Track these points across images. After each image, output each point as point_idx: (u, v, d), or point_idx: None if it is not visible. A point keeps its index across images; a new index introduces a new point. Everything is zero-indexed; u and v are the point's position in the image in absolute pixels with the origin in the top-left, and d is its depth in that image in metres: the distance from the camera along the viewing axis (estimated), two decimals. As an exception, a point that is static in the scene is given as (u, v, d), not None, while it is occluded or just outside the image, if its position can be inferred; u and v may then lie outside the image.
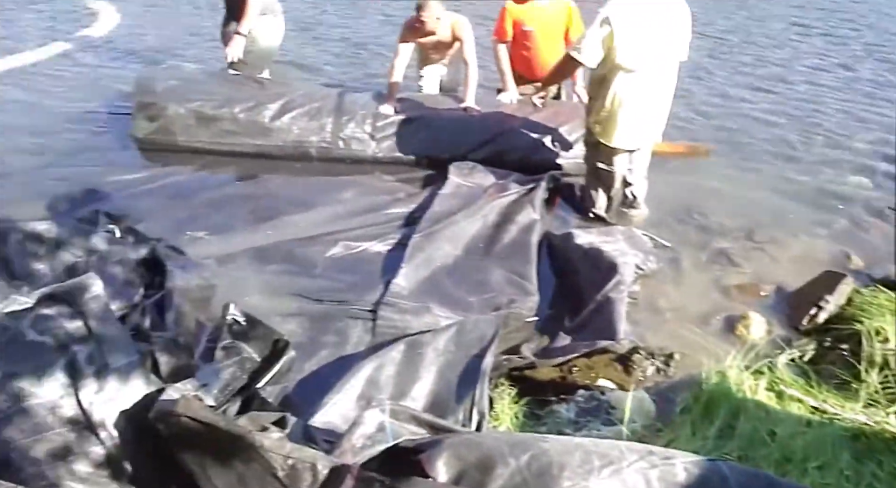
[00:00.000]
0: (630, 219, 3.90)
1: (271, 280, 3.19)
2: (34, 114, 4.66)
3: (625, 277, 3.12)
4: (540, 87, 4.27)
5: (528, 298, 3.14)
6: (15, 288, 2.79)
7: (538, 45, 4.53)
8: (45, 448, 2.03)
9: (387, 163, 4.34)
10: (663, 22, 3.51)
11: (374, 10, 7.37)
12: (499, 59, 4.60)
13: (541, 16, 4.47)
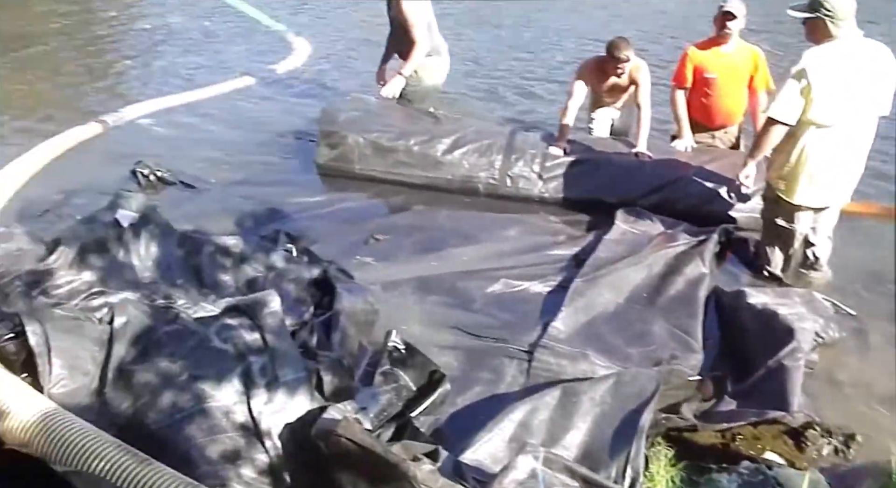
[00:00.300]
0: (810, 282, 3.63)
1: (431, 310, 3.26)
2: (231, 138, 5.09)
3: (802, 344, 2.89)
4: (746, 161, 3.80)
5: (691, 355, 3.00)
6: (203, 295, 3.03)
7: (720, 92, 4.37)
8: (218, 449, 2.17)
9: (552, 204, 4.33)
10: (865, 74, 3.27)
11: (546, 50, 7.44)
12: (676, 104, 4.48)
13: (725, 63, 4.32)
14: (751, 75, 4.33)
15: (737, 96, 4.39)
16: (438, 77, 5.02)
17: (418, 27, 4.71)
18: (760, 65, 4.32)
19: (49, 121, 5.18)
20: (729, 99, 4.37)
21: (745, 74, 4.34)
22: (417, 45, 4.71)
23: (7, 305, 2.70)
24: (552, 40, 7.77)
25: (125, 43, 7.21)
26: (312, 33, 7.46)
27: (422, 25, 4.73)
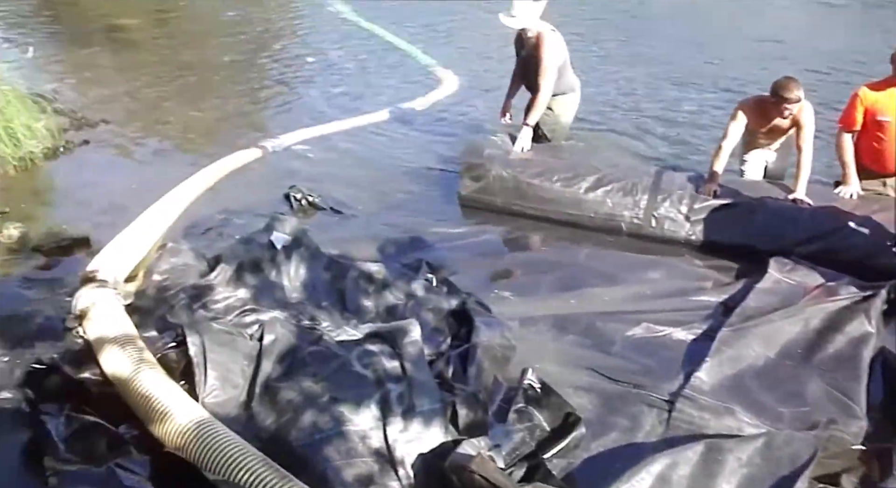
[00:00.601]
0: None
1: (568, 350, 3.20)
2: (377, 167, 5.28)
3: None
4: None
5: (852, 421, 2.74)
6: (346, 319, 3.14)
7: (894, 136, 4.04)
8: (353, 472, 2.22)
9: (698, 248, 4.15)
10: None
11: (695, 88, 7.21)
12: (842, 149, 4.19)
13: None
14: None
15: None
16: (571, 113, 5.08)
17: (551, 72, 4.72)
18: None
19: (215, 144, 5.58)
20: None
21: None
22: (543, 92, 4.72)
23: (172, 316, 2.92)
24: (702, 78, 7.52)
25: (288, 74, 7.68)
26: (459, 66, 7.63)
27: (555, 70, 4.74)
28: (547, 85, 4.73)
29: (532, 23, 4.68)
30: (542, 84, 4.72)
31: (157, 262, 3.29)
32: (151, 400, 2.34)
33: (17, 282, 3.38)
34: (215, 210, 4.37)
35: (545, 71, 4.71)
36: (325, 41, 8.86)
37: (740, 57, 8.15)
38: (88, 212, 4.41)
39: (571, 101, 5.01)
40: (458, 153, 5.21)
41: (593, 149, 5.34)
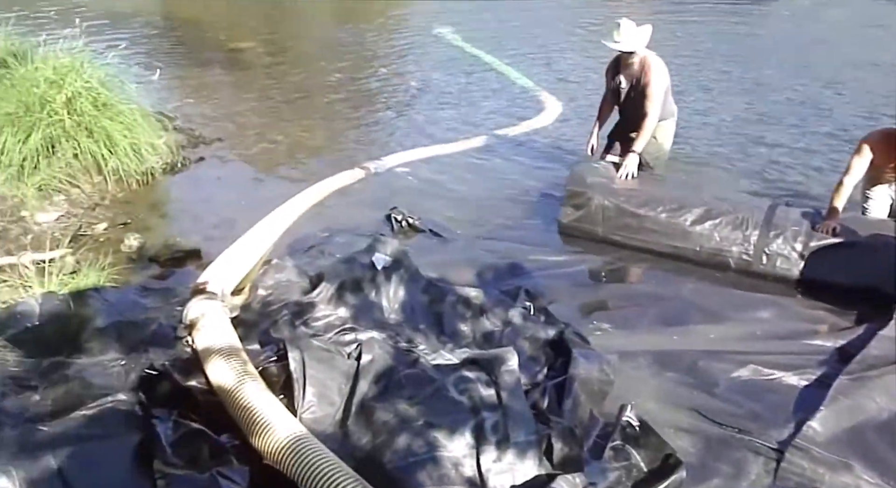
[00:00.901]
0: None
1: (669, 388, 3.08)
2: (477, 192, 5.28)
3: None
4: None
5: None
6: (442, 343, 3.13)
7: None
8: (446, 500, 2.19)
9: (813, 288, 3.91)
10: None
11: (812, 118, 6.87)
12: None
13: None
14: None
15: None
16: (671, 139, 5.05)
17: (659, 97, 4.69)
18: None
19: (321, 164, 5.75)
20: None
21: None
22: (651, 118, 4.67)
23: (275, 331, 2.99)
24: (820, 111, 7.18)
25: (393, 96, 7.86)
26: (559, 93, 7.59)
27: (662, 95, 4.70)
28: (655, 110, 4.68)
29: (639, 47, 4.64)
30: (650, 110, 4.66)
31: (262, 277, 3.39)
32: (252, 412, 2.40)
33: (134, 290, 3.56)
34: (318, 228, 4.49)
35: (653, 96, 4.66)
36: (429, 64, 9.02)
37: (863, 91, 7.73)
38: (201, 225, 4.62)
39: (671, 126, 5.00)
40: (558, 180, 5.16)
41: (699, 181, 5.17)
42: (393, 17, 11.69)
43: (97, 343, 3.00)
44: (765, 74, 8.39)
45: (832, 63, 8.79)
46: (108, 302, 3.33)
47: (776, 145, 6.21)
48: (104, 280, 3.64)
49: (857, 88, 7.75)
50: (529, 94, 7.71)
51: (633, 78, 4.78)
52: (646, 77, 4.69)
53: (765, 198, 4.76)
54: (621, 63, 4.81)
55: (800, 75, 8.29)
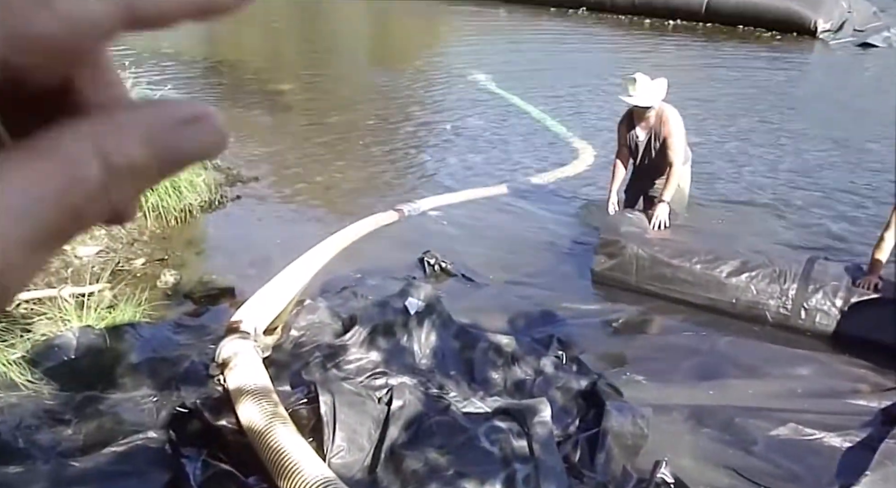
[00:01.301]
0: None
1: (705, 445, 3.00)
2: (509, 237, 5.27)
3: None
4: None
5: None
6: (473, 390, 3.10)
7: None
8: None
9: (853, 346, 3.82)
10: None
11: (849, 167, 6.80)
12: None
13: None
14: None
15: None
16: (689, 183, 5.13)
17: (682, 146, 4.75)
18: None
19: (355, 205, 5.80)
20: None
21: None
22: (677, 167, 4.72)
23: (306, 373, 2.99)
24: (860, 162, 7.10)
25: (428, 140, 7.95)
26: (590, 140, 7.62)
27: (684, 144, 4.78)
28: (679, 159, 4.74)
29: (656, 101, 4.70)
30: (675, 159, 4.72)
31: (295, 318, 3.41)
32: (281, 455, 2.39)
33: (168, 326, 3.60)
34: (351, 269, 4.50)
35: (676, 146, 4.73)
36: (463, 109, 9.12)
37: None
38: (236, 263, 4.67)
39: (688, 171, 5.09)
40: (591, 228, 5.15)
41: (733, 231, 5.12)
42: (427, 60, 11.90)
43: (130, 379, 3.03)
44: (801, 125, 8.34)
45: (871, 117, 8.71)
46: (142, 337, 3.37)
47: (815, 198, 6.14)
48: (140, 315, 3.68)
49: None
50: (563, 141, 7.75)
51: (650, 131, 4.81)
52: (665, 128, 4.73)
53: (803, 250, 4.70)
54: (636, 117, 4.85)
55: (837, 128, 8.22)
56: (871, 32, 12.68)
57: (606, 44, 13.30)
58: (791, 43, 12.90)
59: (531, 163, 7.02)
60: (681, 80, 10.67)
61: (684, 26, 14.23)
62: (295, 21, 16.35)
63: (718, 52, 12.24)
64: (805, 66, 12.17)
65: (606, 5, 15.50)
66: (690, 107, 9.08)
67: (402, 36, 15.29)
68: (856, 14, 13.08)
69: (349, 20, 16.86)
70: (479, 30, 14.47)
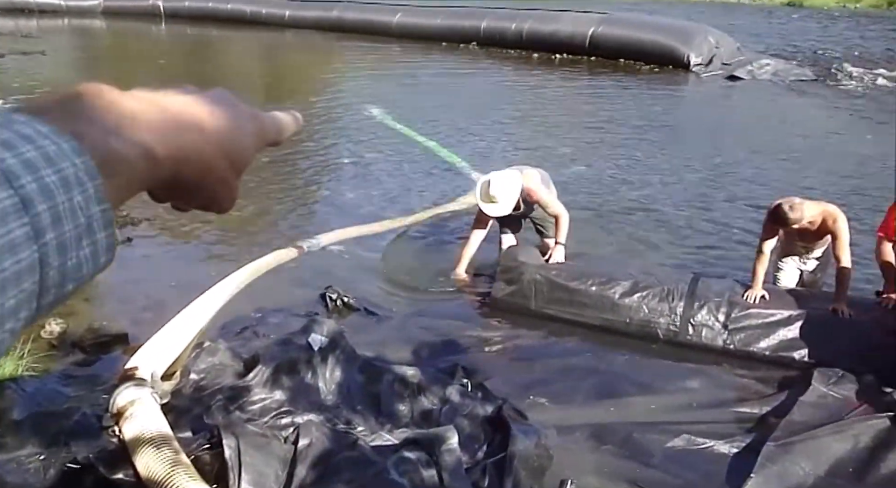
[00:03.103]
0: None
1: (607, 461, 3.12)
2: (415, 268, 5.33)
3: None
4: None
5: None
6: (381, 424, 3.10)
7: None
8: None
9: (738, 357, 4.07)
10: None
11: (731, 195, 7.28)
12: (882, 256, 4.15)
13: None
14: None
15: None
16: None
17: (557, 203, 4.82)
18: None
19: (253, 243, 5.70)
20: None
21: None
22: (564, 214, 4.74)
23: (208, 416, 2.90)
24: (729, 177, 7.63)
25: (325, 175, 7.93)
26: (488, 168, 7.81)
27: (555, 197, 4.88)
28: (561, 209, 4.77)
29: (517, 197, 4.65)
30: (559, 211, 4.75)
31: (194, 361, 3.31)
32: (184, 505, 2.30)
33: (55, 378, 3.41)
34: (251, 309, 4.42)
35: (554, 204, 4.79)
36: (360, 143, 9.17)
37: (769, 166, 8.25)
38: (129, 308, 4.49)
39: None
40: (489, 256, 5.27)
41: (627, 256, 5.37)
42: (321, 95, 11.90)
43: (13, 438, 2.85)
44: (681, 150, 8.87)
45: (740, 141, 9.37)
46: (25, 392, 3.18)
47: (697, 218, 6.52)
48: (22, 369, 3.47)
49: (765, 168, 8.26)
50: (459, 171, 7.91)
51: (525, 205, 4.84)
52: (537, 199, 4.77)
53: (688, 269, 4.97)
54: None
55: (713, 151, 8.79)
56: (737, 66, 13.69)
57: (498, 77, 13.73)
58: (668, 75, 13.73)
59: (430, 194, 7.12)
60: (570, 110, 11.17)
61: (570, 60, 14.88)
62: (182, 59, 16.01)
63: (603, 84, 12.87)
64: (681, 96, 12.97)
65: (496, 40, 16.00)
66: (582, 134, 9.53)
67: (296, 71, 15.24)
68: (723, 49, 14.08)
69: (240, 56, 16.69)
70: (374, 64, 14.63)
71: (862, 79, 13.10)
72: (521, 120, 10.52)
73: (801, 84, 12.90)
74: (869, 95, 12.11)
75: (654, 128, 10.09)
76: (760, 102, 11.99)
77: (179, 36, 18.33)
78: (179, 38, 18.27)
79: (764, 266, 4.24)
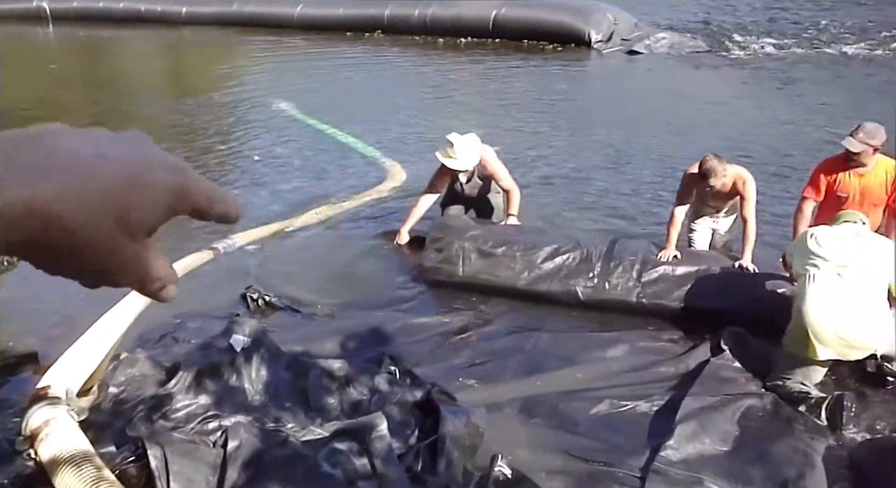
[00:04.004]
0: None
1: (536, 433, 3.20)
2: (333, 261, 5.28)
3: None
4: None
5: (815, 471, 2.85)
6: (311, 419, 3.09)
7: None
8: None
9: (654, 316, 4.24)
10: None
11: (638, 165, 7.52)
12: (801, 217, 4.34)
13: (858, 183, 4.16)
14: (889, 195, 4.11)
15: (872, 217, 4.11)
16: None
17: (507, 175, 5.11)
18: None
19: (167, 250, 5.51)
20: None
21: (881, 195, 4.14)
22: (515, 191, 5.08)
23: (131, 429, 2.84)
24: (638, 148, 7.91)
25: (235, 174, 7.75)
26: (405, 157, 7.82)
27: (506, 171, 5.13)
28: (513, 185, 5.09)
29: (477, 160, 4.98)
30: (509, 186, 5.07)
31: (112, 374, 3.21)
32: (112, 521, 2.25)
33: (-39, 406, 3.25)
34: (169, 315, 4.31)
35: (507, 178, 5.10)
36: (270, 138, 9.00)
37: (672, 135, 8.57)
38: (36, 326, 4.30)
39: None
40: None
41: (551, 225, 5.50)
42: (227, 91, 11.57)
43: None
44: (589, 123, 9.12)
45: (644, 114, 9.69)
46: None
47: (612, 189, 6.73)
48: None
49: (667, 138, 8.57)
50: (373, 162, 7.88)
51: (473, 175, 5.14)
52: (491, 170, 5.06)
53: (608, 233, 5.12)
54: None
55: (619, 125, 9.06)
56: (635, 40, 14.09)
57: (405, 64, 13.69)
58: (571, 53, 14.01)
59: (344, 186, 7.06)
60: (480, 92, 11.26)
61: (475, 43, 14.96)
62: (75, 62, 15.30)
63: (509, 65, 13.02)
64: (585, 73, 13.27)
65: (400, 27, 15.93)
66: (493, 114, 9.64)
67: (199, 68, 14.78)
68: (621, 25, 14.46)
69: (137, 57, 16.05)
70: (279, 58, 14.34)
71: (751, 48, 13.73)
72: (432, 105, 10.55)
73: (696, 55, 13.40)
74: (757, 63, 12.71)
75: (563, 104, 10.31)
76: (659, 75, 12.40)
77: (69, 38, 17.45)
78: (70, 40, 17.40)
79: (676, 228, 4.44)
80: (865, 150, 4.01)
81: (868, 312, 3.27)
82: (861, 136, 4.01)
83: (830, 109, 9.39)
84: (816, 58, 12.95)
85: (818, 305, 3.28)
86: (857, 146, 4.00)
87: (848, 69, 12.03)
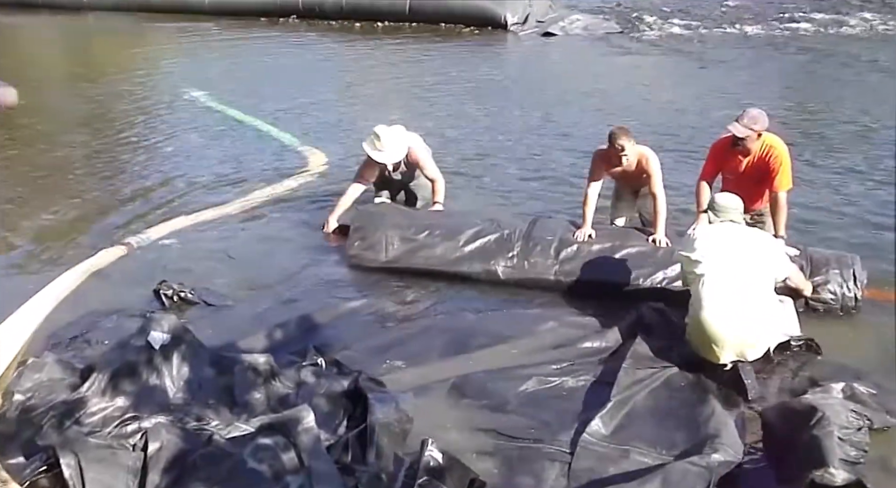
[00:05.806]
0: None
1: (466, 414, 3.22)
2: (252, 252, 5.16)
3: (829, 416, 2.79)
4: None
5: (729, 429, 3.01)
6: (236, 415, 3.01)
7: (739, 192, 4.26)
8: None
9: (577, 295, 4.31)
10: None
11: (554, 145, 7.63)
12: (697, 194, 4.49)
13: (744, 163, 4.34)
14: (772, 176, 4.29)
15: (757, 197, 4.40)
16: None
17: (432, 164, 5.22)
18: (785, 163, 4.27)
19: (74, 247, 5.28)
20: (748, 200, 4.20)
21: (765, 175, 4.32)
22: (440, 179, 5.20)
23: (40, 437, 2.70)
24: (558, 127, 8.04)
25: (149, 165, 7.44)
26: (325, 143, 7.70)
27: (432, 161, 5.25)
28: (438, 175, 5.20)
29: (404, 152, 5.03)
30: (436, 175, 5.19)
31: (17, 381, 3.05)
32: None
33: None
34: (80, 315, 4.12)
35: (433, 168, 5.21)
36: (183, 127, 8.70)
37: (589, 115, 8.73)
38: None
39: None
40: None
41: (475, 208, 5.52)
42: (138, 81, 11.09)
43: None
44: (510, 104, 9.19)
45: (564, 92, 9.84)
46: None
47: (533, 169, 6.81)
48: None
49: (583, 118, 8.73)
50: (290, 149, 7.72)
51: (410, 167, 5.21)
52: (412, 158, 5.11)
53: (529, 215, 5.16)
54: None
55: (540, 104, 9.17)
56: (550, 23, 14.31)
57: (321, 50, 13.44)
58: (488, 36, 14.08)
59: (262, 174, 6.89)
60: (399, 76, 11.16)
61: (393, 27, 14.83)
62: (-32, 52, 14.36)
63: (427, 49, 12.96)
64: (503, 55, 13.37)
65: (315, 11, 15.62)
66: (413, 98, 9.59)
67: (108, 57, 14.10)
68: (536, 7, 14.61)
69: (38, 45, 15.21)
70: (190, 46, 13.86)
71: (660, 28, 14.11)
72: (351, 90, 10.41)
73: (609, 36, 13.68)
74: (667, 44, 13.08)
75: (481, 86, 10.35)
76: (574, 56, 12.62)
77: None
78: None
79: (591, 207, 4.55)
80: (749, 135, 4.19)
81: (762, 313, 3.43)
82: (745, 122, 4.19)
83: (733, 88, 9.77)
84: (721, 38, 13.44)
85: (716, 313, 3.39)
86: (742, 131, 4.18)
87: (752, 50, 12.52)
